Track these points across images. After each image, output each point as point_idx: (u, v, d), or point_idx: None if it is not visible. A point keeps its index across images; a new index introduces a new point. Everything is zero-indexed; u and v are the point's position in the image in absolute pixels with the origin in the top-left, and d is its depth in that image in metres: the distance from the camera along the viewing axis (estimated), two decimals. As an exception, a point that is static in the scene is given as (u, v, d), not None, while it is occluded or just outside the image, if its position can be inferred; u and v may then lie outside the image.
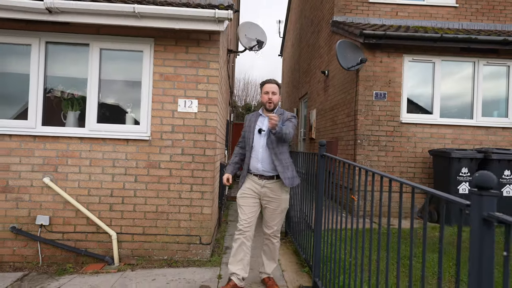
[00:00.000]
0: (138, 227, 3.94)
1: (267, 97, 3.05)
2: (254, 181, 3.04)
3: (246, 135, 3.14)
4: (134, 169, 3.94)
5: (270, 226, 3.08)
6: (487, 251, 1.09)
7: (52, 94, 4.03)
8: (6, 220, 3.82)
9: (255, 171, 3.03)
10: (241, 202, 3.05)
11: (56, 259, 3.86)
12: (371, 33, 5.41)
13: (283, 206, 3.07)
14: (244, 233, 2.96)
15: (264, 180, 3.00)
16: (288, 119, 3.05)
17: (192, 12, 3.52)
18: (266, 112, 3.09)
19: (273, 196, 3.01)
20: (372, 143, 5.80)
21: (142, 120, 4.00)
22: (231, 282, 2.94)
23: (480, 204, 1.11)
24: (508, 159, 4.94)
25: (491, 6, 7.28)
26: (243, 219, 2.99)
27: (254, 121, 3.13)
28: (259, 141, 3.02)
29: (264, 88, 3.09)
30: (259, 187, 3.01)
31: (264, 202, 3.05)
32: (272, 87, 3.06)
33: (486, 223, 1.10)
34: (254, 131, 3.06)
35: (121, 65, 4.10)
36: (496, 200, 1.10)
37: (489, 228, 1.09)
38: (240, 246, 2.96)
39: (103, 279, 3.44)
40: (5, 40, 3.87)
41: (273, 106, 3.06)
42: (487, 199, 1.10)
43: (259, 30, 6.16)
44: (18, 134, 3.84)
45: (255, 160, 3.02)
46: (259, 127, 3.06)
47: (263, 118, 3.11)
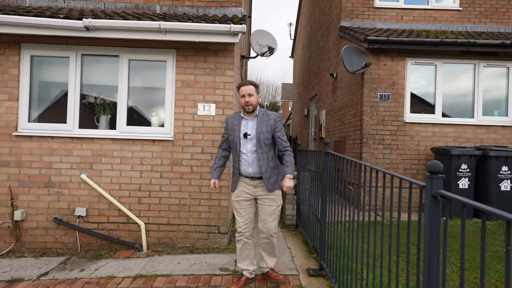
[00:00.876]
0: (163, 218, 4.43)
1: (244, 100, 2.99)
2: (247, 183, 3.07)
3: (231, 139, 3.10)
4: (159, 166, 4.43)
5: (266, 223, 3.09)
6: (435, 218, 1.50)
7: (87, 100, 4.56)
8: (49, 211, 4.36)
9: (246, 174, 3.05)
10: (237, 206, 3.11)
11: (92, 246, 4.39)
12: (375, 39, 5.78)
13: (278, 202, 3.11)
14: (244, 234, 3.12)
15: (256, 180, 3.04)
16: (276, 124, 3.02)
17: (210, 27, 3.99)
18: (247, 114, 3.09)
19: (266, 194, 3.06)
20: (377, 141, 6.16)
21: (166, 122, 4.49)
22: (243, 277, 3.16)
23: (431, 184, 1.52)
24: (505, 155, 5.24)
25: (494, 9, 7.51)
26: (240, 222, 3.10)
27: (238, 124, 3.06)
28: (246, 145, 3.01)
29: (240, 92, 3.03)
30: (252, 188, 3.06)
31: (259, 201, 3.10)
32: (247, 89, 2.99)
33: (434, 198, 1.51)
34: (240, 135, 3.03)
35: (147, 74, 4.61)
36: (442, 181, 1.51)
37: (436, 201, 1.50)
38: (243, 245, 3.15)
39: (134, 262, 3.94)
40: (48, 53, 4.43)
41: (252, 108, 3.01)
42: (435, 180, 1.51)
43: (270, 37, 6.59)
44: (59, 136, 4.38)
45: (245, 165, 3.03)
46: (244, 131, 3.02)
47: (246, 121, 3.07)
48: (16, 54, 4.38)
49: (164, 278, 3.47)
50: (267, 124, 3.00)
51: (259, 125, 3.00)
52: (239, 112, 3.15)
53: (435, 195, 1.50)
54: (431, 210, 1.51)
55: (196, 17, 5.05)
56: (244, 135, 3.00)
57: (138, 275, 3.55)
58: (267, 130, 2.98)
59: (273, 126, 3.01)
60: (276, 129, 3.01)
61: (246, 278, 3.17)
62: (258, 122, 3.01)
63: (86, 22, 3.87)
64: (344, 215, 2.96)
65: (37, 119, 4.50)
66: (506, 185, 5.28)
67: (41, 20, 3.90)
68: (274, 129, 3.01)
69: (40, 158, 4.36)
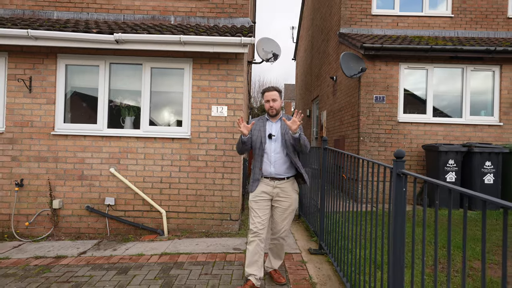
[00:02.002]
0: (181, 207, 5.03)
1: (268, 105, 3.14)
2: (266, 183, 3.12)
3: (254, 138, 3.17)
4: (178, 161, 5.03)
5: (280, 225, 3.14)
6: (399, 190, 2.08)
7: (114, 103, 5.17)
8: (82, 201, 4.98)
9: (267, 174, 3.11)
10: (255, 206, 3.11)
11: (120, 231, 5.00)
12: (370, 46, 6.35)
13: (293, 206, 3.17)
14: (259, 235, 3.04)
15: (276, 181, 3.10)
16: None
17: (223, 39, 4.58)
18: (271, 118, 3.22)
19: (284, 195, 3.12)
20: (373, 140, 6.72)
21: (184, 123, 5.09)
22: (249, 282, 3.03)
23: (396, 166, 2.10)
24: (488, 152, 5.79)
25: (484, 16, 8.04)
26: (257, 222, 3.05)
27: (263, 125, 3.19)
28: (271, 146, 3.11)
29: (265, 97, 3.17)
30: (271, 188, 3.10)
31: (276, 202, 3.14)
32: (272, 95, 3.13)
33: (398, 176, 2.09)
34: (265, 135, 3.14)
35: (167, 80, 5.21)
36: (404, 164, 2.09)
37: (399, 178, 2.08)
38: (255, 248, 3.04)
39: (158, 244, 4.54)
40: (80, 62, 5.04)
41: (276, 112, 3.16)
42: (399, 163, 2.09)
43: (275, 44, 7.18)
44: (90, 135, 5.00)
45: (267, 164, 3.10)
46: (269, 132, 3.15)
47: (270, 123, 3.20)
48: (53, 64, 5.00)
49: (186, 255, 4.07)
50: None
51: (283, 126, 3.12)
52: (263, 116, 3.29)
53: (399, 173, 2.08)
54: (396, 184, 2.09)
55: (208, 28, 5.65)
56: (269, 136, 3.11)
57: (164, 253, 4.15)
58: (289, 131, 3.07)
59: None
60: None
61: (252, 284, 3.02)
62: (282, 124, 3.14)
63: (117, 36, 4.48)
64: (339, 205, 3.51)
65: (70, 120, 5.11)
66: (489, 178, 5.82)
67: (78, 35, 4.51)
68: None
69: (74, 154, 4.98)
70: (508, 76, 6.73)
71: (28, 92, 4.95)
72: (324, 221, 4.09)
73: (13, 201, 4.89)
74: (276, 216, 3.16)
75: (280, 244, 3.24)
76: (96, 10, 6.19)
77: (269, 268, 3.38)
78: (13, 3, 6.17)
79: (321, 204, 4.16)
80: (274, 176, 3.10)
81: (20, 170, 4.93)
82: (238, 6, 6.24)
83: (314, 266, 3.73)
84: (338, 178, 3.67)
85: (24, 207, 4.92)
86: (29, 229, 4.91)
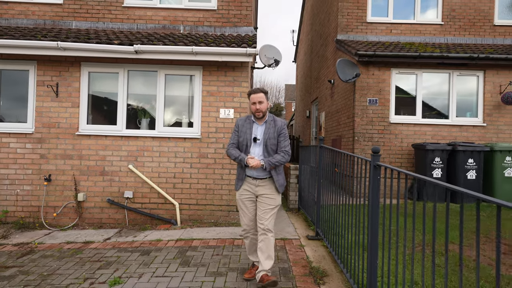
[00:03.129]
0: (193, 199, 5.60)
1: (255, 107, 3.17)
2: (249, 182, 3.27)
3: (241, 140, 3.26)
4: (189, 159, 5.60)
5: (264, 220, 3.20)
6: (375, 178, 2.64)
7: (131, 106, 5.74)
8: (104, 194, 5.54)
9: (250, 174, 3.24)
10: (242, 205, 3.32)
11: (137, 222, 5.56)
12: (364, 53, 6.91)
13: (276, 202, 3.27)
14: (250, 231, 3.37)
15: (258, 180, 3.23)
16: (281, 131, 3.24)
17: (231, 50, 5.15)
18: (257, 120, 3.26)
19: (267, 192, 3.24)
20: (367, 139, 7.29)
21: (194, 124, 5.66)
22: (255, 267, 3.43)
23: (373, 159, 2.66)
24: (471, 150, 6.34)
25: (472, 23, 8.59)
26: (245, 220, 3.34)
27: (249, 128, 3.25)
28: (255, 149, 3.21)
29: (251, 99, 3.19)
30: (254, 186, 3.25)
31: (259, 199, 3.27)
32: (258, 97, 3.15)
33: (375, 167, 2.65)
34: (250, 139, 3.22)
35: (179, 85, 5.79)
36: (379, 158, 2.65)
37: (376, 169, 2.64)
38: (251, 241, 3.41)
39: (173, 232, 5.11)
40: (102, 70, 5.62)
41: (262, 114, 3.20)
42: (375, 157, 2.65)
43: (276, 50, 7.74)
44: (110, 135, 5.56)
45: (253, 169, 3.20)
46: (254, 135, 3.22)
47: (256, 125, 3.26)
48: (77, 71, 5.57)
49: (199, 241, 4.64)
50: (273, 130, 3.22)
51: (267, 131, 3.20)
52: (250, 116, 3.32)
53: (375, 165, 2.64)
54: (373, 174, 2.65)
55: (216, 37, 6.22)
56: (253, 139, 3.20)
57: (179, 239, 4.72)
58: (273, 136, 3.21)
59: (278, 131, 3.23)
60: (280, 134, 3.23)
61: (257, 267, 3.37)
62: (266, 128, 3.22)
63: (136, 47, 5.05)
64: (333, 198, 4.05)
65: (92, 121, 5.68)
66: (472, 174, 6.38)
67: (101, 46, 5.08)
68: (279, 134, 3.22)
69: (96, 152, 5.55)
70: (491, 80, 7.29)
71: (55, 97, 5.52)
72: (320, 211, 4.65)
73: (42, 194, 5.46)
74: (260, 212, 3.24)
75: (268, 239, 3.19)
76: (112, 20, 6.77)
77: (261, 272, 3.15)
78: (35, 13, 6.76)
79: (318, 196, 4.72)
80: (256, 177, 3.23)
81: (48, 166, 5.50)
82: (242, 16, 6.81)
83: (311, 249, 4.30)
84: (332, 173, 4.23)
85: (52, 200, 5.49)
86: (56, 219, 5.48)
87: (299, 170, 6.50)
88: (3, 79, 5.64)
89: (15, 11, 6.74)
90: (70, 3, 6.74)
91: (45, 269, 3.75)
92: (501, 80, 7.28)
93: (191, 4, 6.79)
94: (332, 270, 3.66)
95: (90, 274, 3.59)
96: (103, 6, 6.76)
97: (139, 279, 3.47)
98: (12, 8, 6.74)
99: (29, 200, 5.46)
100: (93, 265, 3.83)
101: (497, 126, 7.23)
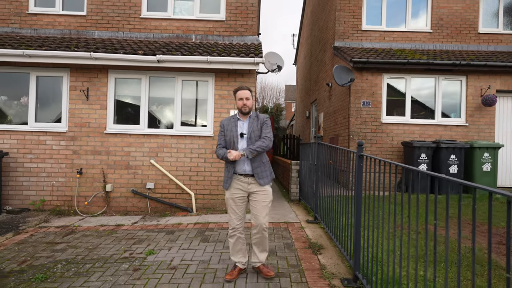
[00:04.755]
0: (206, 190, 6.37)
1: (242, 102, 3.29)
2: (241, 180, 3.28)
3: (227, 138, 3.33)
4: (203, 154, 6.37)
5: (259, 218, 3.27)
6: (360, 167, 3.41)
7: (152, 108, 6.51)
8: (128, 185, 6.32)
9: (241, 172, 3.27)
10: (232, 204, 3.34)
11: (158, 210, 6.33)
12: (358, 60, 7.67)
13: (269, 199, 3.34)
14: (238, 229, 3.37)
15: (250, 177, 3.28)
16: (264, 122, 3.35)
17: (240, 59, 5.92)
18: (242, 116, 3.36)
19: (260, 188, 3.29)
20: (361, 137, 8.05)
21: (208, 123, 6.44)
22: (236, 268, 3.44)
23: (358, 150, 3.43)
24: (452, 147, 7.11)
25: (458, 31, 9.36)
26: (234, 218, 3.35)
27: (235, 125, 3.33)
28: (242, 143, 3.28)
29: (238, 95, 3.31)
30: (246, 185, 3.28)
31: (252, 196, 3.31)
32: (245, 93, 3.30)
33: (359, 157, 3.42)
34: (237, 135, 3.28)
35: (194, 90, 6.56)
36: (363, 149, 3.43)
37: (360, 158, 3.41)
38: (236, 240, 3.39)
39: (189, 218, 5.88)
40: (126, 76, 6.40)
41: (248, 109, 3.32)
42: (360, 148, 3.42)
43: (278, 57, 8.51)
44: (134, 133, 6.34)
45: (241, 162, 3.26)
46: (240, 131, 3.30)
47: (241, 122, 3.36)
48: (105, 77, 6.35)
49: (214, 224, 5.41)
50: (257, 123, 3.32)
51: (251, 125, 3.31)
52: (234, 115, 3.42)
53: (359, 155, 3.41)
54: (358, 163, 3.42)
55: (225, 46, 7.00)
56: (240, 135, 3.28)
57: (196, 222, 5.50)
58: (257, 128, 3.31)
59: (261, 123, 3.34)
60: (263, 124, 3.34)
61: (239, 269, 3.45)
62: (250, 122, 3.32)
63: (158, 57, 5.82)
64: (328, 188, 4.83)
65: (118, 122, 6.45)
66: (454, 168, 7.15)
67: (128, 56, 5.86)
68: (261, 125, 3.33)
69: (122, 148, 6.32)
70: (472, 84, 8.07)
71: (86, 100, 6.30)
72: (318, 201, 5.42)
73: (75, 185, 6.23)
74: (255, 210, 3.30)
75: (263, 237, 3.35)
76: (130, 30, 7.54)
77: (257, 262, 3.44)
78: (61, 24, 7.54)
79: (316, 188, 5.49)
80: (248, 173, 3.27)
81: (80, 161, 6.28)
82: (248, 26, 7.59)
83: (310, 230, 5.08)
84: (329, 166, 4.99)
85: (83, 190, 6.26)
86: (87, 207, 6.25)
87: (300, 165, 7.27)
88: (40, 85, 6.41)
89: (44, 22, 7.52)
90: (92, 15, 7.52)
91: (89, 244, 4.53)
92: (482, 84, 8.05)
93: (202, 15, 7.57)
94: (328, 244, 4.44)
95: (127, 247, 4.37)
96: (122, 17, 7.54)
97: (169, 251, 4.25)
98: (41, 19, 7.52)
99: (63, 190, 6.24)
100: (128, 242, 4.61)
101: (478, 126, 8.01)
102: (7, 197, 6.17)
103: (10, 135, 6.21)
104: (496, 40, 9.29)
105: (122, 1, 7.53)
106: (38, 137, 6.25)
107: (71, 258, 4.02)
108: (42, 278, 3.49)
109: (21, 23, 7.51)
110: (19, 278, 3.51)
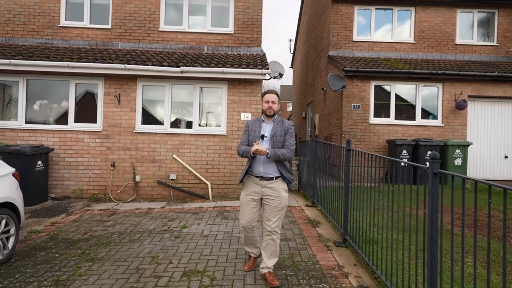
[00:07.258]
0: (220, 180, 7.50)
1: (267, 105, 3.33)
2: (256, 182, 3.28)
3: (250, 138, 3.36)
4: (218, 150, 7.51)
5: (271, 222, 3.24)
6: (348, 158, 4.58)
7: (174, 111, 7.62)
8: (154, 176, 7.43)
9: (256, 173, 3.26)
10: (244, 204, 3.35)
11: (179, 197, 7.45)
12: (349, 69, 8.85)
13: (283, 204, 3.27)
14: (247, 228, 3.37)
15: (265, 181, 3.24)
16: (288, 130, 3.33)
17: (251, 71, 7.06)
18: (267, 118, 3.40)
19: (273, 194, 3.24)
20: (352, 136, 9.24)
21: (222, 124, 7.57)
22: (251, 258, 3.68)
23: (346, 146, 4.60)
24: (429, 144, 8.33)
25: (438, 42, 10.59)
26: (244, 219, 3.33)
27: (258, 127, 3.37)
28: (262, 145, 3.25)
29: (265, 98, 3.35)
30: (260, 188, 3.26)
31: (266, 200, 3.28)
32: (272, 97, 3.33)
33: (347, 151, 4.59)
34: (258, 136, 3.32)
35: (210, 95, 7.69)
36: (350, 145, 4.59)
37: (348, 152, 4.58)
38: (246, 236, 3.49)
39: (207, 203, 7.01)
40: (152, 84, 7.51)
41: (273, 113, 3.34)
42: (348, 144, 4.59)
43: (280, 65, 9.68)
44: (159, 132, 7.45)
45: (257, 163, 3.26)
46: (262, 133, 3.32)
47: (265, 124, 3.38)
48: (134, 84, 7.44)
49: (229, 207, 6.56)
50: (281, 129, 3.31)
51: (274, 128, 3.32)
52: (260, 117, 3.48)
53: (347, 149, 4.57)
54: (346, 155, 4.58)
55: (234, 56, 8.13)
56: (261, 137, 3.30)
57: (215, 206, 6.63)
58: (280, 133, 3.29)
59: (285, 130, 3.32)
60: (287, 132, 3.32)
61: (254, 258, 3.67)
62: (274, 126, 3.34)
63: (182, 69, 6.93)
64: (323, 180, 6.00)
65: (145, 122, 7.55)
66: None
67: (156, 68, 6.96)
68: (285, 132, 3.31)
69: (148, 145, 7.42)
70: (448, 90, 9.31)
71: (118, 104, 7.39)
72: (315, 190, 6.58)
73: (109, 176, 7.33)
74: (267, 213, 3.28)
75: (274, 241, 3.27)
76: (150, 41, 8.64)
77: (264, 268, 3.35)
78: (89, 36, 8.60)
79: (314, 179, 6.65)
80: (262, 176, 3.25)
81: (113, 156, 7.37)
82: (253, 39, 8.73)
83: (309, 211, 6.25)
84: (324, 161, 6.16)
85: (116, 181, 7.36)
86: (119, 195, 7.35)
87: (299, 160, 8.43)
88: (78, 90, 7.49)
89: (73, 34, 8.58)
90: (116, 28, 8.59)
91: (132, 222, 5.64)
92: (456, 90, 9.30)
93: (213, 29, 8.69)
94: (324, 221, 5.61)
95: (164, 223, 5.50)
96: (143, 30, 8.63)
97: (198, 225, 5.38)
98: (71, 32, 8.58)
99: (99, 181, 7.33)
100: (163, 220, 5.73)
101: (452, 126, 9.25)
102: (51, 187, 7.24)
103: (53, 133, 7.28)
104: (471, 50, 10.55)
105: (143, 15, 8.61)
106: (77, 136, 7.33)
107: (122, 231, 5.14)
108: (106, 243, 4.60)
109: (53, 35, 8.55)
110: (87, 243, 4.62)
